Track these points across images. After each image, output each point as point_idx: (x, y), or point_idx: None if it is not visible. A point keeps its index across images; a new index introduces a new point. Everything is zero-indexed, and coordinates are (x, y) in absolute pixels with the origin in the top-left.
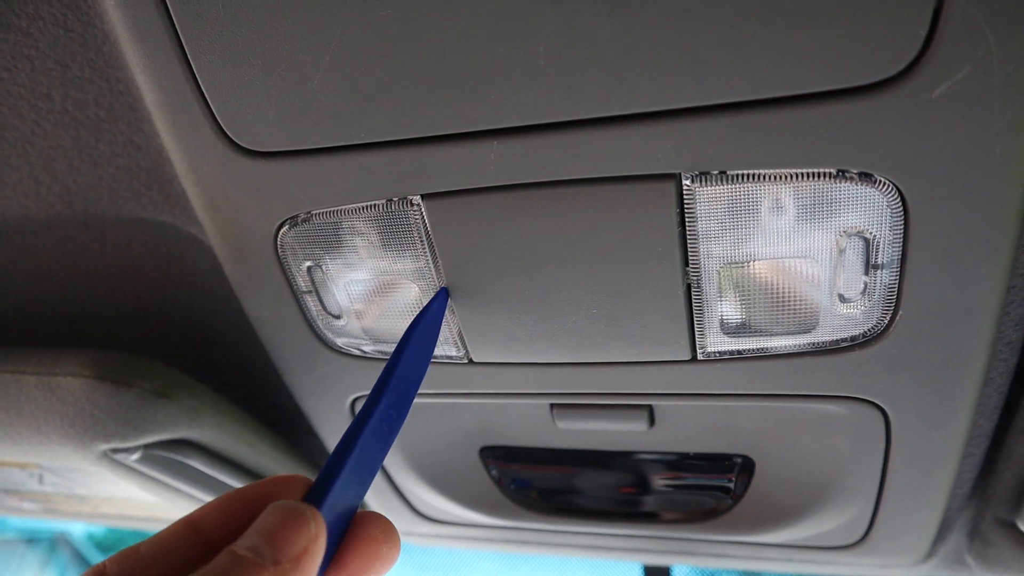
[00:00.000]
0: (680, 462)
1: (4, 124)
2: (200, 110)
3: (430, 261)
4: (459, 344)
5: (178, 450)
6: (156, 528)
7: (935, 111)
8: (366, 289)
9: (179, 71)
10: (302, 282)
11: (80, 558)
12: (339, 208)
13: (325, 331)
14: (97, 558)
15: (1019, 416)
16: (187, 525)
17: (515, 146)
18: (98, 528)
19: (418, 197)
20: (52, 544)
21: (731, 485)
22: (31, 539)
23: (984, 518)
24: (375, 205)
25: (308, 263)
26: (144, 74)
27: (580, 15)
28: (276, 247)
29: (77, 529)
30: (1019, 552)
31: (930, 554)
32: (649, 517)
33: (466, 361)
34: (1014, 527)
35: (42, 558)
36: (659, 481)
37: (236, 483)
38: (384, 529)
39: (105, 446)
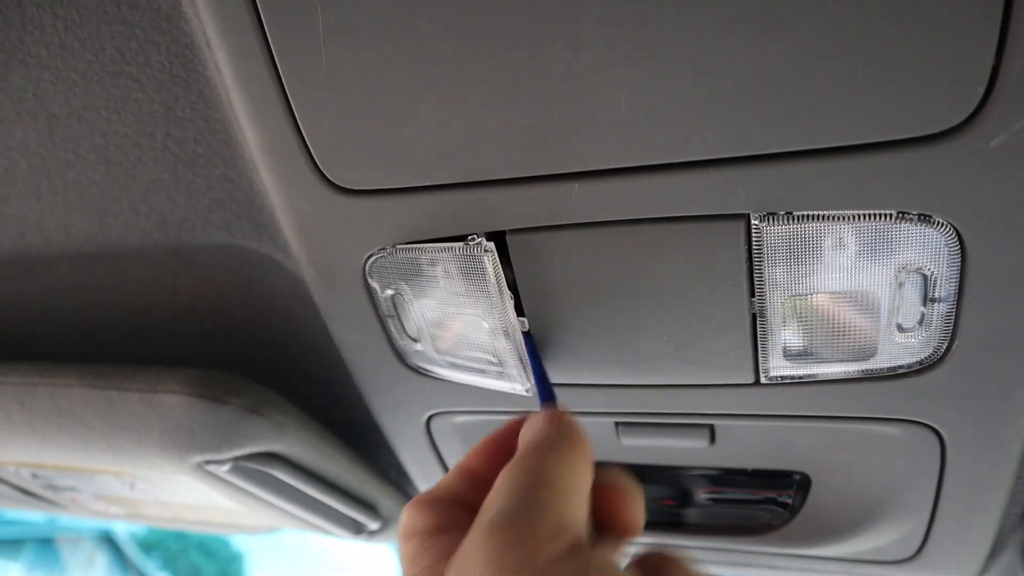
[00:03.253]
0: (738, 478)
1: (110, 160)
2: (300, 151)
3: (499, 300)
4: (525, 376)
5: (265, 462)
6: (234, 532)
7: (992, 159)
8: (442, 318)
9: (282, 116)
10: (385, 308)
11: (123, 556)
12: (420, 245)
13: (405, 353)
14: (139, 556)
15: None
16: (462, 471)
17: (596, 187)
18: (140, 528)
19: (491, 244)
20: (98, 542)
21: (788, 500)
22: (77, 537)
23: None
24: (453, 247)
25: (391, 291)
26: (248, 118)
27: (660, 69)
28: (364, 276)
29: (121, 528)
30: None
31: (983, 570)
32: (707, 529)
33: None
34: None
35: (88, 555)
36: (718, 495)
37: (315, 493)
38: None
39: (200, 458)
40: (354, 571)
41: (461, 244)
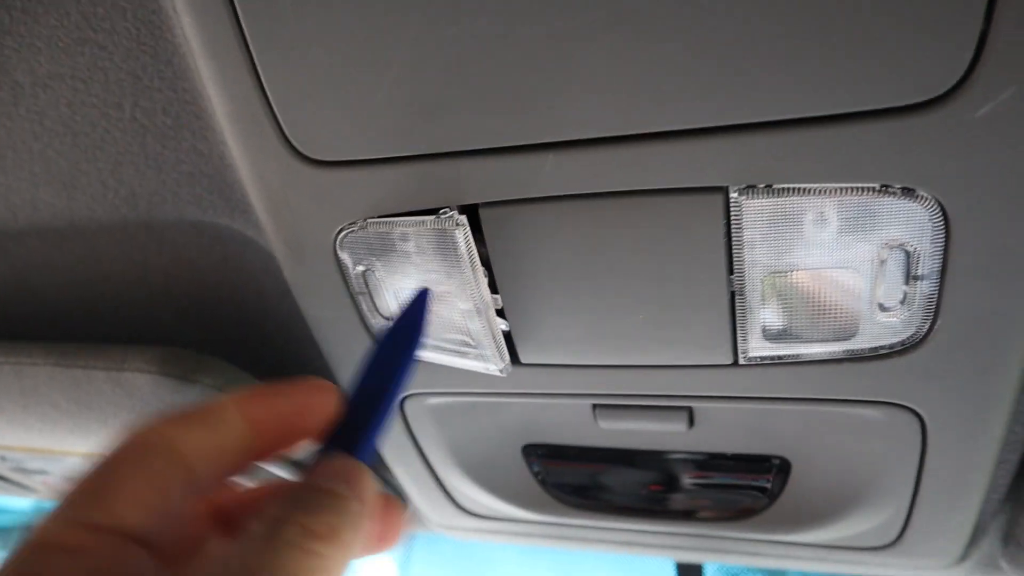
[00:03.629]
0: (717, 462)
1: (77, 132)
2: (268, 121)
3: (471, 276)
4: (499, 356)
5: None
6: None
7: (978, 130)
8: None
9: (249, 85)
10: (356, 284)
11: None
12: (392, 219)
13: (377, 332)
14: None
15: None
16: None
17: (570, 158)
18: None
19: (463, 217)
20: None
21: (768, 485)
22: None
23: (1018, 523)
24: (424, 221)
25: (362, 267)
26: (215, 87)
27: (636, 36)
28: (335, 251)
29: None
30: None
31: (964, 557)
32: (686, 515)
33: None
34: None
35: None
36: (696, 480)
37: (288, 475)
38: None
39: None
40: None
41: (432, 218)
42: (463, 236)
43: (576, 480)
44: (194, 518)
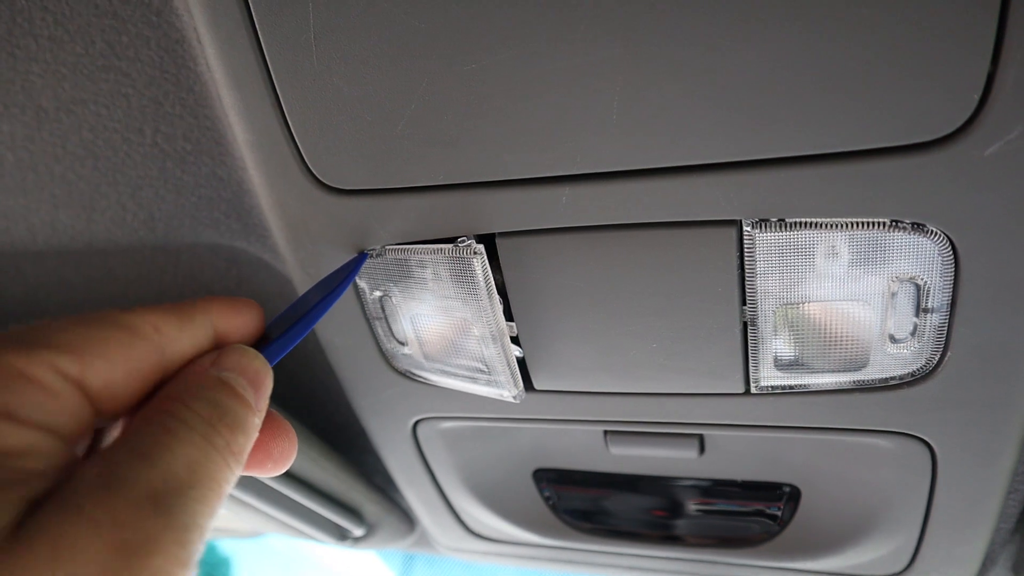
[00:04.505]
0: (728, 489)
1: (98, 155)
2: (289, 150)
3: (488, 304)
4: (513, 383)
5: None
6: (215, 537)
7: (987, 168)
8: (430, 321)
9: (271, 114)
10: (373, 309)
11: None
12: (410, 246)
13: (392, 356)
14: None
15: None
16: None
17: (586, 191)
18: None
19: (480, 247)
20: None
21: (778, 513)
22: None
23: None
24: (443, 249)
25: (379, 293)
26: (237, 115)
27: (653, 74)
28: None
29: None
30: None
31: None
32: (695, 542)
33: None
34: None
35: None
36: (706, 507)
37: (299, 497)
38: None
39: None
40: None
41: (450, 246)
42: (480, 265)
43: (586, 505)
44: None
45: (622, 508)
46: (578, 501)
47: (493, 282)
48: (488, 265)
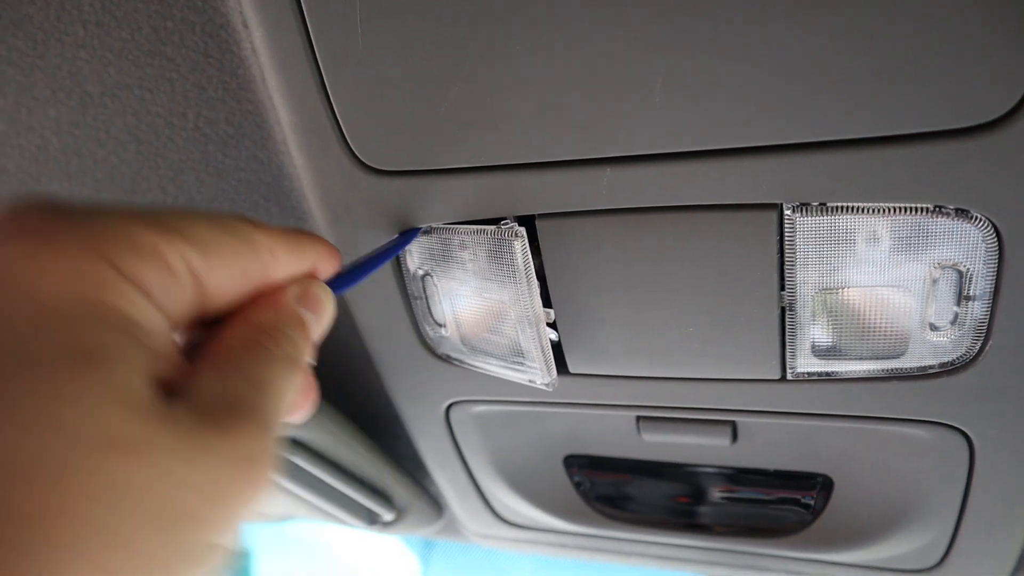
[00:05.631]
0: (760, 478)
1: (141, 139)
2: (332, 131)
3: (526, 287)
4: (547, 370)
5: (284, 448)
6: (249, 520)
7: None
8: (468, 303)
9: (316, 97)
10: (414, 288)
11: None
12: (453, 226)
13: (428, 339)
14: None
15: None
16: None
17: (627, 173)
18: None
19: (522, 229)
20: None
21: (811, 502)
22: None
23: None
24: (485, 230)
25: (422, 271)
26: (281, 98)
27: (696, 56)
28: (395, 257)
29: None
30: None
31: None
32: (726, 531)
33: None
34: None
35: None
36: (738, 496)
37: (332, 481)
38: None
39: None
40: (360, 568)
41: (493, 228)
42: (521, 247)
43: (616, 492)
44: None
45: (652, 496)
46: (608, 488)
47: (532, 266)
48: (528, 248)
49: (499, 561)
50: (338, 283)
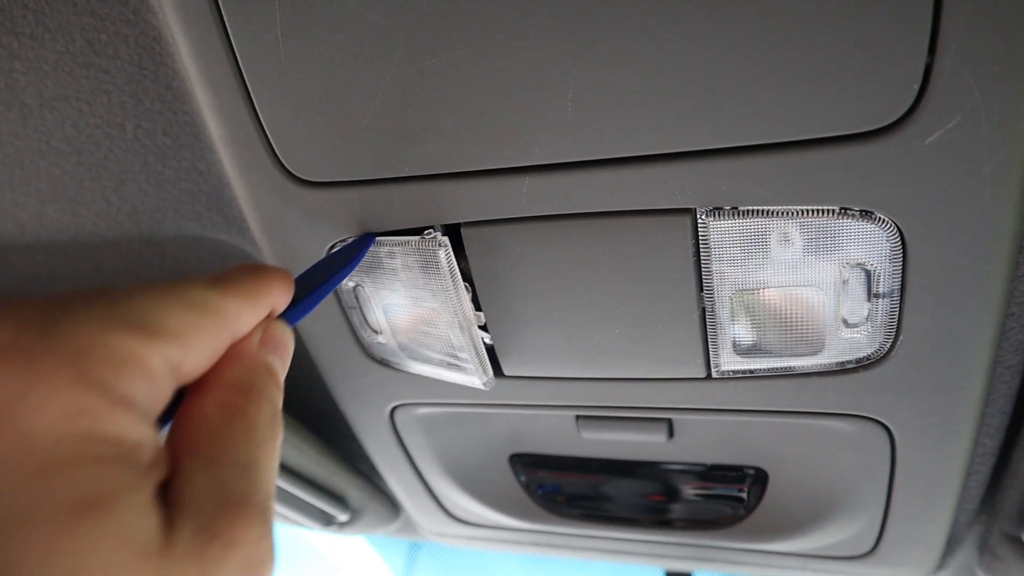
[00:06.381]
0: (698, 472)
1: (82, 150)
2: (261, 144)
3: (454, 293)
4: (483, 370)
5: None
6: None
7: (929, 156)
8: (402, 311)
9: (243, 110)
10: (347, 299)
11: None
12: (380, 238)
13: (367, 345)
14: None
15: (1023, 435)
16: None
17: (545, 182)
18: None
19: (445, 238)
20: None
21: (747, 495)
22: None
23: (992, 533)
24: (410, 240)
25: (352, 283)
26: (211, 111)
27: (606, 67)
28: None
29: None
30: None
31: (941, 566)
32: (668, 524)
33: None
34: (1020, 541)
35: None
36: (678, 490)
37: (283, 483)
38: None
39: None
40: (343, 569)
41: (416, 238)
42: (445, 256)
43: (561, 489)
44: None
45: (596, 492)
46: (553, 485)
47: (459, 272)
48: (453, 256)
49: (485, 561)
50: (294, 314)
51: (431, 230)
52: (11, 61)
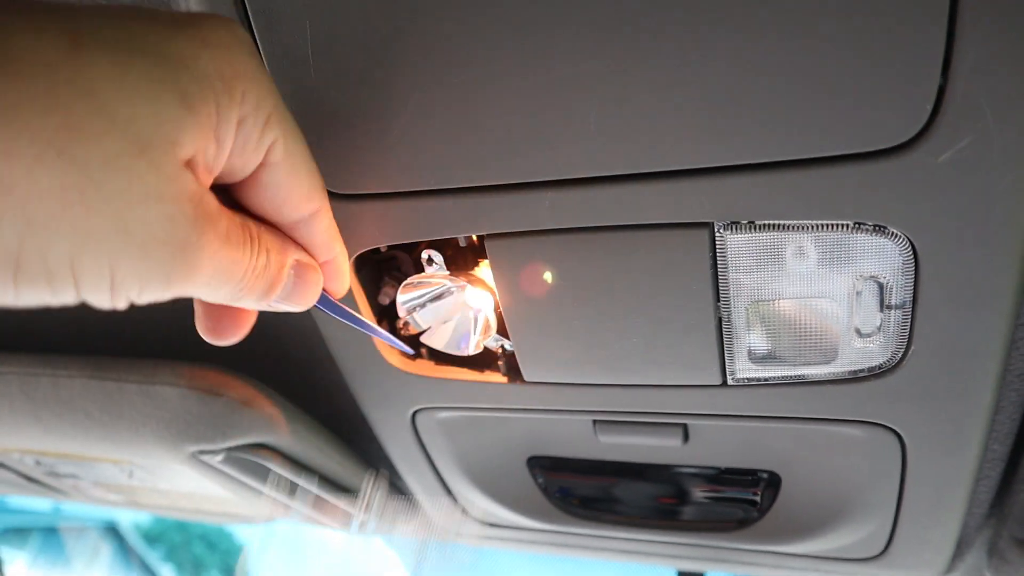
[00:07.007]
0: (712, 475)
1: None
2: None
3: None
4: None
5: (257, 453)
6: (229, 522)
7: (941, 174)
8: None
9: None
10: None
11: (127, 546)
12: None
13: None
14: (143, 547)
15: None
16: None
17: (568, 196)
18: (144, 519)
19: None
20: (103, 532)
21: (761, 498)
22: (82, 527)
23: (1001, 536)
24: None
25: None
26: None
27: (628, 85)
28: (354, 275)
29: (125, 519)
30: None
31: (950, 569)
32: (682, 525)
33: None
34: None
35: (93, 545)
36: (692, 492)
37: (305, 484)
38: None
39: (194, 448)
40: (356, 566)
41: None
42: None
43: (578, 491)
44: None
45: (612, 494)
46: (570, 487)
47: (492, 271)
48: (489, 255)
49: (498, 561)
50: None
51: (425, 250)
52: None
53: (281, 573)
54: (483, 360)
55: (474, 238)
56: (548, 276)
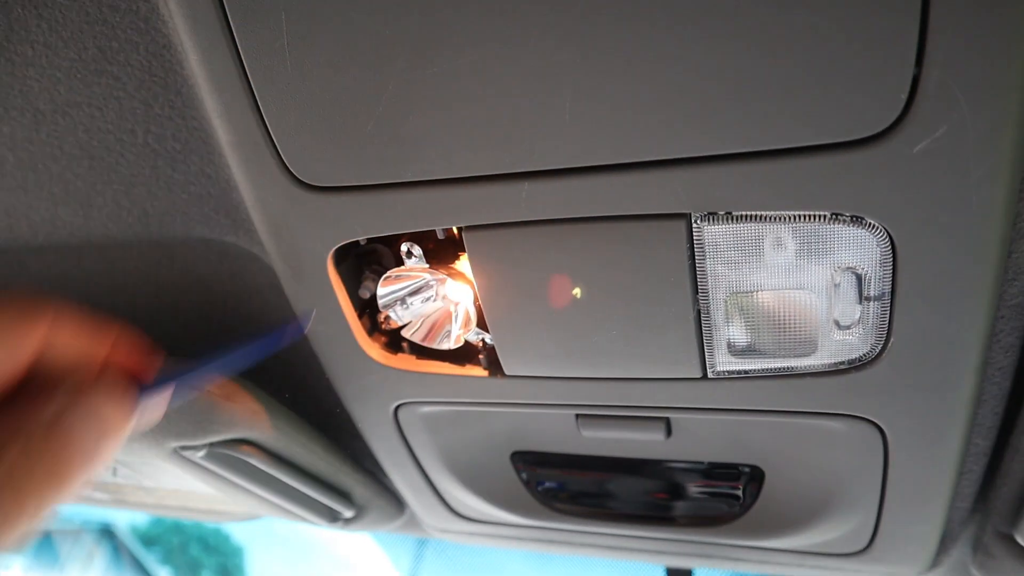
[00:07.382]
0: (694, 470)
1: (93, 155)
2: (268, 150)
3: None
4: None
5: (239, 449)
6: (215, 520)
7: (917, 164)
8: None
9: (251, 116)
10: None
11: (123, 550)
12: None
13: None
14: (140, 550)
15: (1015, 435)
16: None
17: (544, 187)
18: (141, 522)
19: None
20: (99, 535)
21: (744, 492)
22: (78, 530)
23: (985, 531)
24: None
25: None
26: (219, 118)
27: (602, 75)
28: (332, 268)
29: (121, 522)
30: (1018, 564)
31: (935, 564)
32: (666, 520)
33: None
34: (1013, 540)
35: (88, 549)
36: (675, 487)
37: (289, 480)
38: None
39: (176, 443)
40: (354, 567)
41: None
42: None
43: (561, 486)
44: None
45: (595, 489)
46: (554, 482)
47: (470, 262)
48: (467, 247)
49: (490, 558)
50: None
51: (406, 242)
52: (25, 68)
53: (278, 572)
54: (465, 354)
55: (454, 231)
56: (526, 269)
